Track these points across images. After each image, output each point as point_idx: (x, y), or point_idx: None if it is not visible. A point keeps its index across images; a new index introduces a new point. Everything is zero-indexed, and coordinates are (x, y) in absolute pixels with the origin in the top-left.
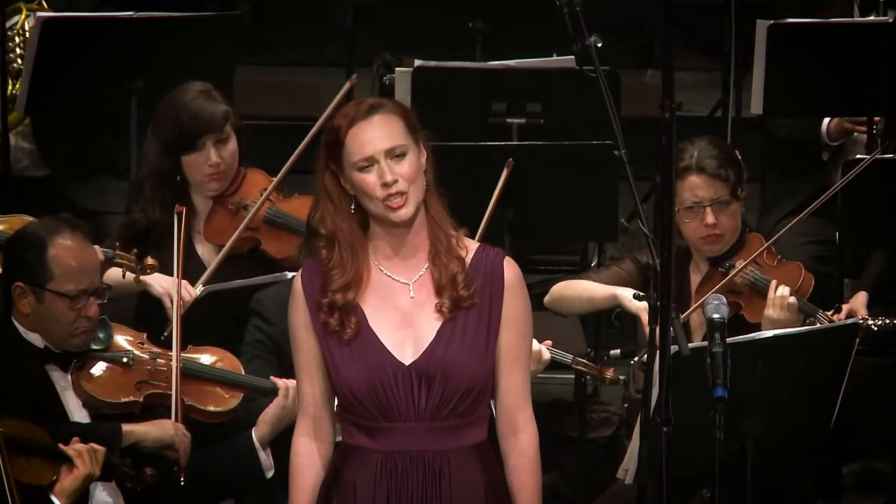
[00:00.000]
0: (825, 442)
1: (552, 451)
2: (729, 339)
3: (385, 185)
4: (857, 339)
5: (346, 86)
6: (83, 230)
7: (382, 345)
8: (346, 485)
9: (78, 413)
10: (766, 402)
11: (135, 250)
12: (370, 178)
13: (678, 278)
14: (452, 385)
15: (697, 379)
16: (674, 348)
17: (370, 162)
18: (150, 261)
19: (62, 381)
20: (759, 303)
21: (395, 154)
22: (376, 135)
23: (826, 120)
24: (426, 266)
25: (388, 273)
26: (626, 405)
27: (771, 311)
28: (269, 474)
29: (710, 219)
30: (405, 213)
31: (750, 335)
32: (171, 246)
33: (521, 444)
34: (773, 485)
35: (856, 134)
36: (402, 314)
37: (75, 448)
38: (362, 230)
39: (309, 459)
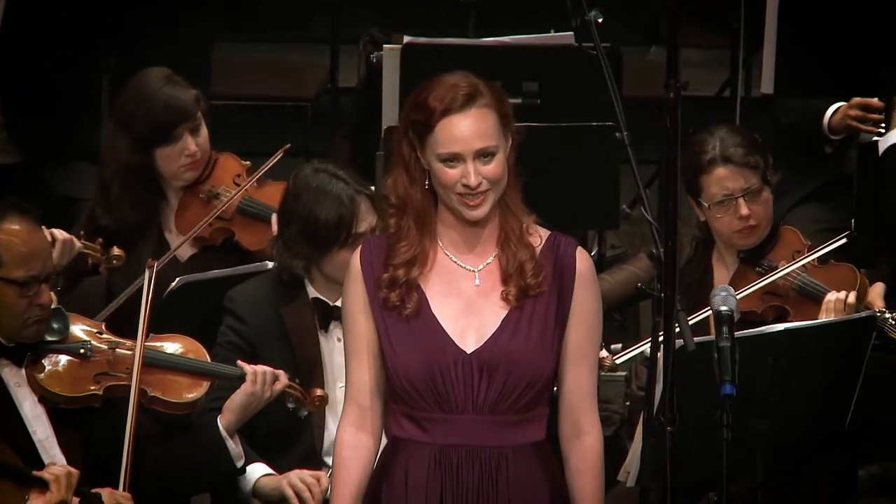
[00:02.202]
0: (840, 442)
1: None
2: (738, 333)
3: (466, 185)
4: (874, 334)
5: (279, 153)
6: (32, 214)
7: (444, 330)
8: (397, 479)
9: (32, 412)
10: (777, 400)
11: (100, 240)
12: (452, 174)
13: (699, 270)
14: (515, 377)
15: (704, 375)
16: (679, 343)
17: (456, 159)
18: (116, 251)
19: (16, 378)
20: (810, 308)
21: (484, 154)
22: (468, 133)
23: (828, 113)
24: (494, 254)
25: (454, 258)
26: (627, 403)
27: (825, 317)
28: (240, 463)
29: (743, 210)
30: (480, 213)
31: (759, 329)
32: (143, 247)
33: (585, 447)
34: (785, 488)
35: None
36: (466, 302)
37: (52, 472)
38: (434, 204)
39: (354, 452)
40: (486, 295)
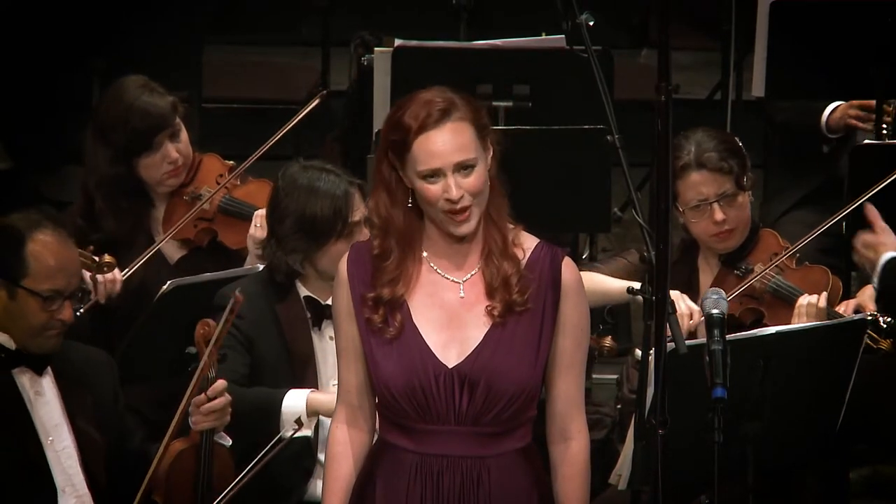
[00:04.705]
0: (831, 445)
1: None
2: (729, 336)
3: (449, 200)
4: (865, 336)
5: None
6: (66, 228)
7: (426, 344)
8: (380, 483)
9: (52, 421)
10: (768, 402)
11: (91, 247)
12: (434, 189)
13: (686, 272)
14: (496, 392)
15: (695, 378)
16: (670, 345)
17: (437, 174)
18: (107, 258)
19: (35, 387)
20: (784, 310)
21: (463, 167)
22: (447, 147)
23: (827, 111)
24: (479, 266)
25: (439, 270)
26: (619, 406)
27: (797, 322)
28: None
29: (718, 215)
30: (467, 229)
31: (751, 332)
32: (133, 254)
33: (572, 452)
34: (776, 491)
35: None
36: (449, 313)
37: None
38: (418, 221)
39: (344, 448)
40: (471, 307)
